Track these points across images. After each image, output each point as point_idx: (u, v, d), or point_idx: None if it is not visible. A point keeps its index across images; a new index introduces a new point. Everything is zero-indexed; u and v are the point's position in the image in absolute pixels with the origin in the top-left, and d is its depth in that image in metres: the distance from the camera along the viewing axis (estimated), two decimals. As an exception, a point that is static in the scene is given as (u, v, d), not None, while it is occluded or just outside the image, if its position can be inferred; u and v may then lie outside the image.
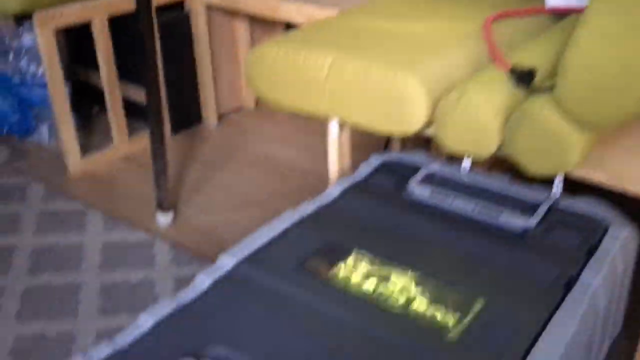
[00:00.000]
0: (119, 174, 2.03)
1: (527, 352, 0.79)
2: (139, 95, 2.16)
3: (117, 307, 1.49)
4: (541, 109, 0.98)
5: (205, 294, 0.89)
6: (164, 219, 1.79)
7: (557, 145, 0.97)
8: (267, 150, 2.17)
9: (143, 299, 1.51)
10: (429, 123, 1.11)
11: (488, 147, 1.04)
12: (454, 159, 1.21)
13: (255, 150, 2.17)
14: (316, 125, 2.31)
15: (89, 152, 2.07)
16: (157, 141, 1.73)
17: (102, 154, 2.07)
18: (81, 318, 1.45)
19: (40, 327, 1.43)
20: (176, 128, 2.26)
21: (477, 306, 0.87)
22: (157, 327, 0.83)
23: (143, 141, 2.15)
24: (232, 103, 2.42)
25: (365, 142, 1.90)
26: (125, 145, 2.12)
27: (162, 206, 1.79)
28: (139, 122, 2.24)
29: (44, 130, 2.15)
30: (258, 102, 2.47)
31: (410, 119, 1.09)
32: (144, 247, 1.69)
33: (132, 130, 2.16)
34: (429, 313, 0.85)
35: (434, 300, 0.88)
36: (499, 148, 1.06)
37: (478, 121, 1.03)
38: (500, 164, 1.34)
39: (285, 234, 1.01)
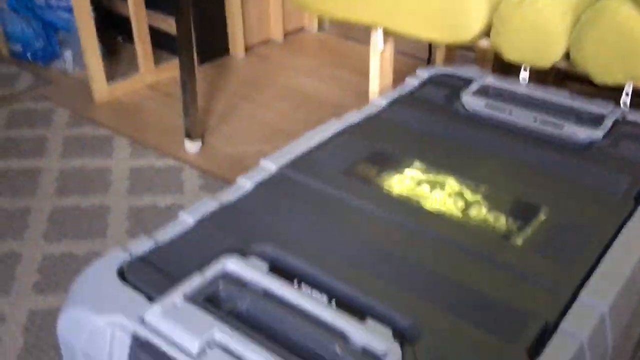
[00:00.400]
0: (145, 101, 1.97)
1: (599, 259, 0.73)
2: (163, 24, 2.09)
3: (146, 230, 1.45)
4: (618, 6, 0.89)
5: (248, 195, 0.84)
6: (192, 147, 1.74)
7: (634, 47, 0.89)
8: (296, 83, 2.09)
9: (172, 223, 1.46)
10: (485, 30, 1.03)
11: (553, 52, 0.96)
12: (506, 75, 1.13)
13: (283, 83, 2.09)
14: (346, 59, 2.23)
15: (115, 80, 2.01)
16: (187, 71, 1.66)
17: (128, 81, 2.01)
18: (109, 239, 1.42)
19: (68, 247, 1.39)
20: (203, 58, 2.18)
21: (542, 215, 0.80)
22: (199, 224, 0.78)
23: (169, 70, 2.08)
24: (260, 35, 2.33)
25: (400, 67, 1.82)
26: (151, 73, 2.05)
27: (190, 135, 1.73)
28: (164, 52, 2.17)
29: (68, 56, 2.08)
30: (286, 35, 2.38)
31: (466, 24, 1.01)
32: (171, 174, 1.65)
33: (157, 60, 2.09)
34: (489, 219, 0.79)
35: (494, 208, 0.81)
36: (564, 55, 0.98)
37: (542, 24, 0.94)
38: (555, 82, 1.26)
39: (330, 141, 0.95)
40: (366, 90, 1.85)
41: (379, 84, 1.26)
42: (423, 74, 1.14)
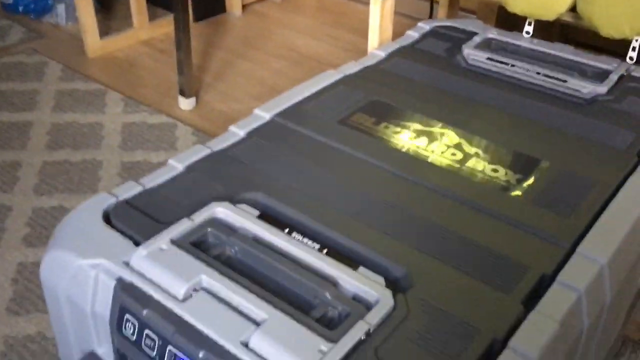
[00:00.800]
0: (139, 57, 1.92)
1: (600, 213, 0.71)
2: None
3: (138, 185, 1.42)
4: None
5: (240, 143, 0.81)
6: (186, 104, 1.70)
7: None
8: (294, 42, 2.04)
9: (165, 179, 1.44)
10: (489, -20, 0.99)
11: (559, 4, 0.92)
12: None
13: (281, 42, 2.05)
14: (345, 19, 2.18)
15: (108, 35, 1.96)
16: (181, 27, 1.61)
17: (121, 36, 1.96)
18: (101, 194, 1.39)
19: (58, 200, 1.37)
20: (198, 16, 2.13)
21: (542, 168, 0.78)
22: (188, 171, 0.76)
23: (163, 26, 2.03)
24: (258, -7, 2.27)
25: (401, 29, 1.77)
26: (145, 29, 2.01)
27: (184, 92, 1.69)
28: (158, 8, 2.12)
29: (60, 10, 2.03)
30: (285, -6, 2.32)
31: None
32: (165, 130, 1.62)
33: (151, 15, 2.04)
34: (488, 171, 0.77)
35: (493, 160, 0.79)
36: (570, 8, 0.94)
37: (549, -27, 0.91)
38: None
39: (326, 90, 0.92)
40: (365, 51, 1.80)
41: (378, 39, 1.22)
42: (424, 26, 1.10)
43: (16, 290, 1.15)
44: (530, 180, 0.75)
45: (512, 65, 0.96)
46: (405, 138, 0.82)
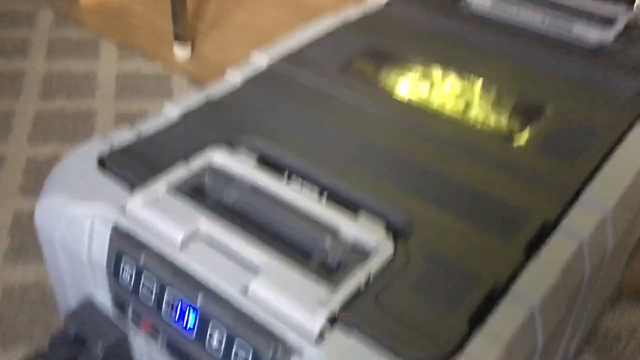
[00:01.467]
0: (132, 4, 1.87)
1: (604, 160, 0.70)
2: None
3: (133, 135, 1.40)
4: None
5: (238, 89, 0.79)
6: (181, 52, 1.67)
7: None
8: (293, -10, 1.99)
9: (161, 129, 1.42)
10: None
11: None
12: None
13: (279, -11, 1.99)
14: (346, -34, 2.11)
15: (100, -19, 1.91)
16: (175, -29, 1.56)
17: (114, -18, 1.90)
18: (96, 144, 1.38)
19: (53, 150, 1.35)
20: (194, -39, 2.07)
21: (546, 116, 0.76)
22: (185, 117, 0.74)
23: (158, -28, 1.97)
24: (255, -62, 2.20)
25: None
26: (139, -25, 1.95)
27: (179, 40, 1.66)
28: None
29: (50, -46, 1.96)
30: (283, -61, 2.25)
31: None
32: (160, 79, 1.59)
33: (146, -39, 1.98)
34: (491, 119, 0.75)
35: (496, 108, 0.77)
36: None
37: None
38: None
39: (326, 36, 0.89)
40: (365, -1, 1.75)
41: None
42: (427, -29, 1.06)
43: (13, 239, 1.14)
44: (534, 129, 0.74)
45: (517, 12, 0.93)
46: (406, 85, 0.80)
